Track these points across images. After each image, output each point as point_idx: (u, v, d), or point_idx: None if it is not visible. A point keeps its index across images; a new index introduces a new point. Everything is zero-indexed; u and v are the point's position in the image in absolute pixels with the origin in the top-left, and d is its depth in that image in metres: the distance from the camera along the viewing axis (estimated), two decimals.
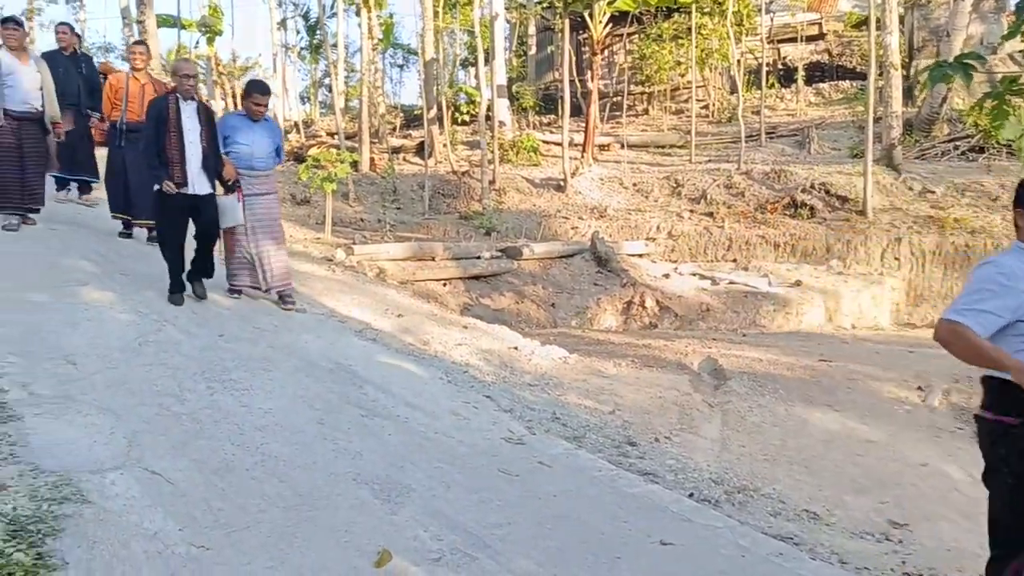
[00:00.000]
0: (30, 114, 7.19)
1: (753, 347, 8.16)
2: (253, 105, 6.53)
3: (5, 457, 3.33)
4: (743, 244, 14.34)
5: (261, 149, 6.60)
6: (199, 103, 6.16)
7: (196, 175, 6.04)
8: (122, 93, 7.77)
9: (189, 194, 6.02)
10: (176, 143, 5.95)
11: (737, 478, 4.78)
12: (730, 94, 23.90)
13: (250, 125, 6.56)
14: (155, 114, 5.99)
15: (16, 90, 7.07)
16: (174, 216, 6.10)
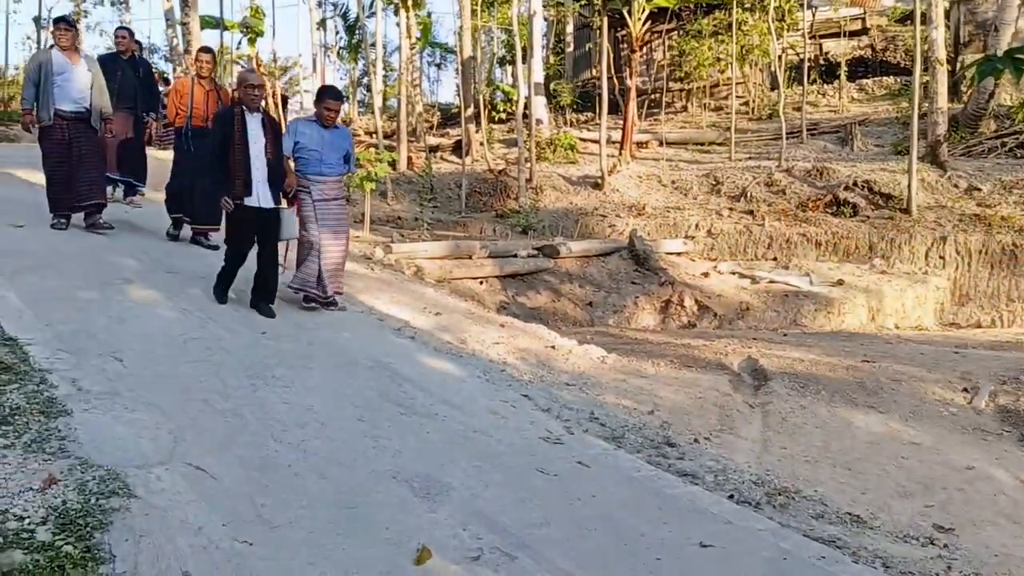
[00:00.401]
0: (80, 114, 7.21)
1: (794, 347, 8.06)
2: (325, 111, 6.49)
3: (55, 451, 3.41)
4: (784, 242, 14.16)
5: (332, 155, 6.54)
6: (264, 114, 6.13)
7: (261, 187, 6.02)
8: (187, 99, 7.81)
9: (254, 207, 6.00)
10: (241, 155, 5.91)
11: (778, 480, 4.72)
12: (770, 90, 23.61)
13: (320, 131, 6.51)
14: (220, 126, 5.98)
15: (67, 90, 7.09)
16: (240, 229, 6.11)
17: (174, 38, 21.00)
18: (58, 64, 7.08)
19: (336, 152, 6.57)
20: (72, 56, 7.19)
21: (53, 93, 7.02)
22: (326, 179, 6.55)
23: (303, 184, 6.48)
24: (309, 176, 6.47)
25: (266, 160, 6.03)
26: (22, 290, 5.53)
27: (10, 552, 2.68)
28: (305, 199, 6.49)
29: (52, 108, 7.03)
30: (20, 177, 9.86)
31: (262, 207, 6.04)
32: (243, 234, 6.12)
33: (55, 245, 6.87)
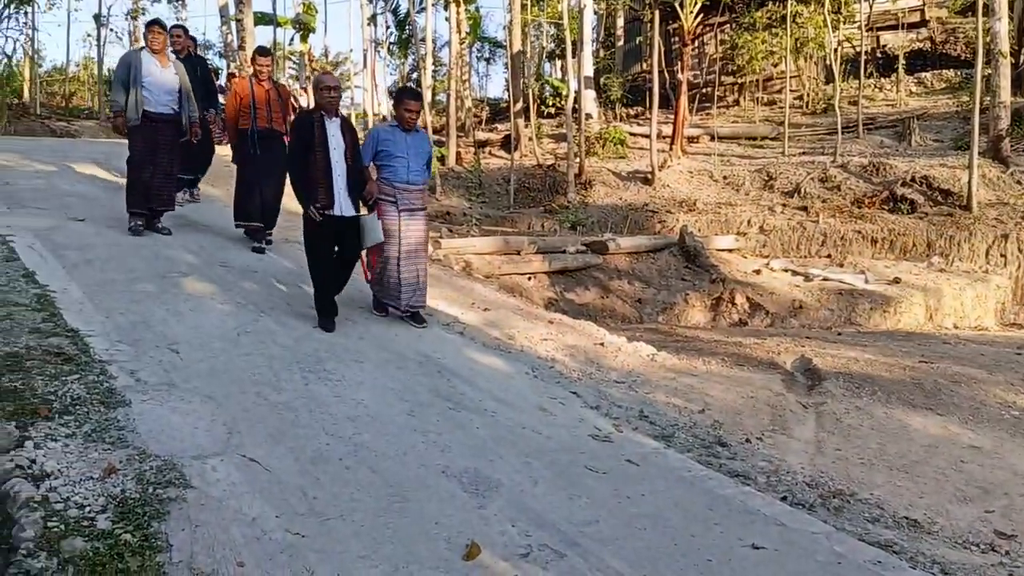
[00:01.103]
0: (168, 116, 7.21)
1: (849, 346, 7.89)
2: (405, 112, 6.15)
3: (115, 441, 3.49)
4: (838, 239, 13.90)
5: (417, 161, 6.22)
6: (342, 118, 5.92)
7: (342, 196, 5.79)
8: (248, 101, 7.64)
9: (336, 216, 5.75)
10: (322, 162, 5.69)
11: (833, 482, 4.63)
12: (825, 84, 23.17)
13: (403, 136, 6.18)
14: (301, 133, 5.74)
15: (155, 92, 7.09)
16: (322, 240, 5.82)
17: (228, 34, 21.34)
18: (148, 66, 7.07)
19: (420, 158, 6.25)
20: (162, 58, 7.20)
21: (143, 95, 7.02)
22: (412, 188, 6.22)
23: (387, 193, 6.14)
24: (396, 185, 6.13)
25: (346, 166, 5.81)
26: (83, 282, 5.67)
27: (71, 539, 2.75)
28: (390, 210, 6.13)
29: (140, 109, 7.02)
30: (81, 172, 10.12)
31: (343, 215, 5.81)
32: (323, 245, 5.85)
33: (114, 238, 7.04)
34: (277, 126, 7.71)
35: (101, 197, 8.91)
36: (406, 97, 6.26)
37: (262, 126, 7.62)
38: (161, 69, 7.14)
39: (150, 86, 7.02)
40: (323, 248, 5.85)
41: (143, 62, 7.04)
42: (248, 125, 7.61)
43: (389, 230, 6.09)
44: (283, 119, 7.75)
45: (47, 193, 8.57)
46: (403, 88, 6.69)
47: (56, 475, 3.12)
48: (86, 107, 23.55)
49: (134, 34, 30.41)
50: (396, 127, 6.22)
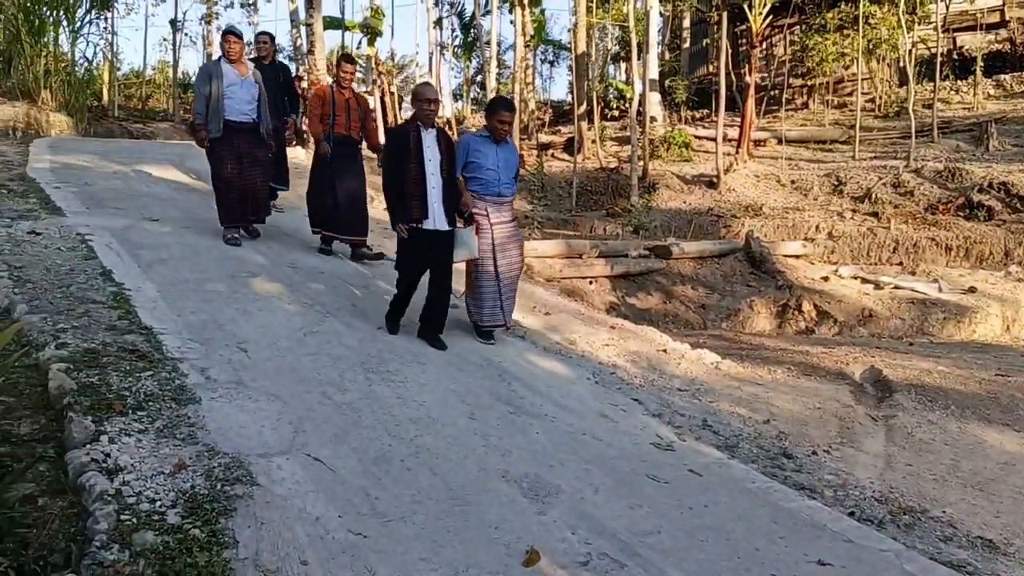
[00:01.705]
0: (246, 124, 7.21)
1: (921, 358, 7.65)
2: (498, 124, 5.95)
3: (185, 437, 3.58)
4: (911, 246, 13.48)
5: (507, 173, 6.05)
6: (438, 129, 5.77)
7: (436, 209, 5.62)
8: (329, 107, 7.61)
9: (429, 230, 5.60)
10: (416, 175, 5.55)
11: (903, 498, 4.49)
12: (898, 87, 22.52)
13: (495, 148, 5.99)
14: (397, 145, 5.64)
15: (236, 101, 7.11)
16: (413, 254, 5.68)
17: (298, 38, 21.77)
18: (228, 76, 7.09)
19: (511, 170, 6.09)
20: (240, 67, 7.22)
21: (223, 105, 7.04)
22: (503, 200, 6.08)
23: (479, 207, 5.97)
24: (486, 198, 5.97)
25: (441, 179, 5.64)
26: (156, 281, 5.84)
27: (143, 533, 2.83)
28: (483, 223, 5.96)
29: (222, 120, 7.05)
30: (156, 173, 10.44)
31: (437, 229, 5.64)
32: (416, 259, 5.69)
33: (187, 239, 7.23)
34: (354, 134, 7.71)
35: (175, 197, 9.18)
36: (500, 108, 6.05)
37: (339, 132, 7.60)
38: (240, 78, 7.16)
39: (231, 95, 7.05)
40: (414, 261, 5.72)
41: (224, 73, 7.08)
42: (325, 130, 7.62)
43: (484, 247, 5.95)
44: (360, 127, 7.74)
45: (124, 193, 8.86)
46: (497, 98, 6.56)
47: (129, 469, 3.21)
48: (161, 109, 24.28)
49: (207, 38, 31.30)
50: (487, 137, 6.03)
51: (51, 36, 15.86)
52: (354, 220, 7.70)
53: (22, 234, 6.45)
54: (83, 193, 8.53)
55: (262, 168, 7.42)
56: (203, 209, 8.44)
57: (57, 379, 3.84)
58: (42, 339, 4.40)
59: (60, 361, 4.07)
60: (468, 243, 5.77)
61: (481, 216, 5.96)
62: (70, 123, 15.02)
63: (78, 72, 16.72)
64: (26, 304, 4.86)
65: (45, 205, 7.73)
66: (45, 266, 5.74)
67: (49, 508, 3.00)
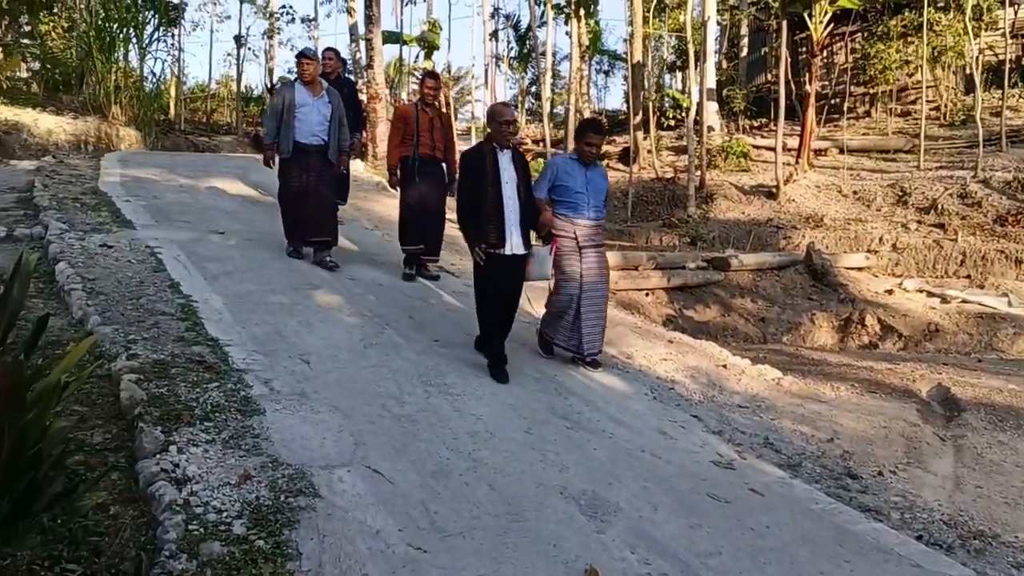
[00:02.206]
0: (318, 146, 7.19)
1: (991, 375, 7.40)
2: (585, 146, 5.86)
3: (250, 448, 3.66)
4: (978, 259, 13.08)
5: (595, 197, 5.91)
6: (514, 150, 5.59)
7: (513, 232, 5.41)
8: (413, 127, 7.43)
9: (507, 255, 5.38)
10: (493, 197, 5.36)
11: (973, 522, 4.35)
12: (964, 94, 21.90)
13: (583, 170, 5.89)
14: (474, 167, 5.43)
15: (307, 122, 7.10)
16: (492, 280, 5.43)
17: (357, 52, 22.15)
18: (300, 97, 7.11)
19: (599, 193, 5.95)
20: (314, 88, 7.18)
21: (294, 126, 7.05)
22: (591, 223, 5.91)
23: (565, 230, 5.82)
24: (575, 221, 5.83)
25: (518, 200, 5.45)
26: (222, 293, 5.98)
27: (210, 543, 2.89)
28: (570, 246, 5.81)
29: (292, 141, 7.07)
30: (220, 186, 10.70)
31: (515, 254, 5.43)
32: (494, 286, 5.45)
33: (251, 252, 7.40)
34: (438, 153, 7.57)
35: (240, 211, 9.39)
36: (590, 130, 5.92)
37: (424, 153, 7.44)
38: (313, 99, 7.16)
39: (303, 116, 7.07)
40: (493, 288, 5.46)
41: (296, 94, 7.11)
42: (409, 152, 7.43)
43: (569, 269, 5.78)
44: (444, 146, 7.61)
45: (190, 207, 9.10)
46: (588, 120, 6.33)
47: (197, 479, 3.29)
48: (225, 123, 24.91)
49: (269, 52, 32.03)
50: (575, 160, 5.93)
51: (121, 52, 16.40)
52: (433, 241, 7.64)
53: (94, 247, 6.67)
54: (151, 206, 8.79)
55: (328, 189, 7.36)
56: (266, 222, 8.62)
57: (128, 390, 3.96)
58: (114, 350, 4.54)
59: (131, 372, 4.19)
60: (544, 263, 5.61)
61: (568, 240, 5.81)
62: (139, 137, 15.52)
63: (146, 87, 17.26)
64: (99, 315, 5.02)
65: (116, 218, 7.98)
66: (116, 278, 5.92)
67: (121, 517, 3.09)
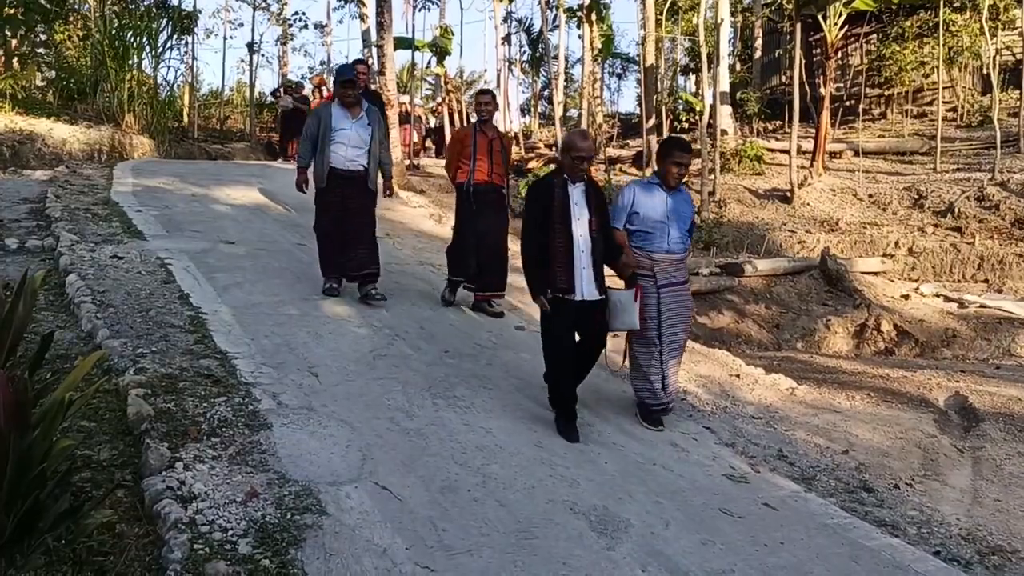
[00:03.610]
0: (356, 173, 6.58)
1: (1010, 383, 7.29)
2: (673, 166, 5.11)
3: (257, 465, 3.63)
4: (996, 263, 12.91)
5: (679, 227, 5.20)
6: (588, 182, 4.92)
7: (585, 276, 4.75)
8: (469, 151, 6.87)
9: (576, 301, 4.75)
10: (562, 237, 4.72)
11: (992, 537, 4.26)
12: (982, 95, 21.69)
13: (664, 196, 5.16)
14: (538, 202, 4.83)
15: (344, 146, 6.52)
16: (561, 328, 4.82)
17: (370, 58, 22.20)
18: (338, 119, 6.53)
19: (683, 222, 5.23)
20: (354, 110, 6.59)
21: (329, 152, 6.49)
22: (674, 257, 5.21)
23: (643, 267, 5.10)
24: (653, 256, 5.12)
25: (590, 240, 4.80)
26: (232, 304, 5.98)
27: (215, 562, 2.86)
28: (647, 285, 5.08)
29: (327, 167, 6.50)
30: (232, 195, 10.72)
31: (586, 300, 4.78)
32: (563, 334, 4.83)
33: (261, 261, 7.39)
34: (496, 179, 6.97)
35: (251, 220, 9.40)
36: (675, 148, 5.21)
37: (480, 180, 6.87)
38: (352, 121, 6.57)
39: (340, 139, 6.51)
40: (563, 338, 4.85)
41: (333, 116, 6.55)
42: (465, 178, 6.89)
43: (647, 310, 5.07)
44: (504, 173, 7.08)
45: (202, 216, 9.11)
46: (672, 139, 5.57)
47: (203, 497, 3.27)
48: (239, 129, 25.03)
49: (283, 58, 32.17)
50: (656, 184, 5.20)
51: (135, 61, 16.47)
52: (494, 275, 7.04)
53: (105, 258, 6.69)
54: (163, 216, 8.81)
55: (370, 217, 6.75)
56: (276, 232, 8.63)
57: (135, 405, 3.94)
58: (122, 364, 4.53)
59: (139, 386, 4.18)
60: (628, 310, 4.88)
61: (646, 277, 5.08)
62: (152, 145, 15.58)
63: (160, 95, 17.34)
64: (108, 328, 5.02)
65: (127, 229, 8.00)
66: (126, 290, 5.93)
67: (126, 536, 3.07)
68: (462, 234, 7.05)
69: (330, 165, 6.50)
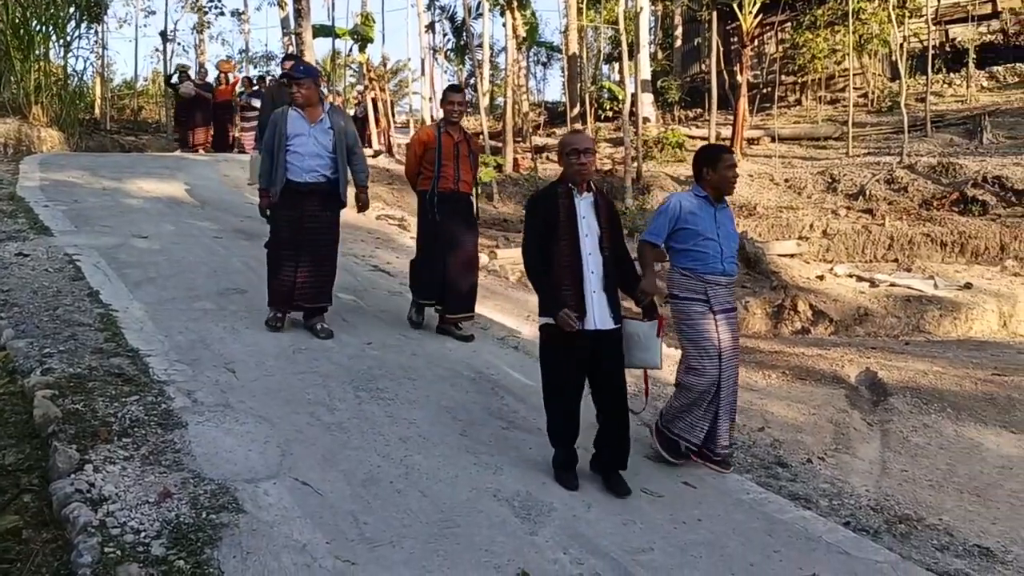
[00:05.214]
0: (316, 185, 5.72)
1: (917, 358, 7.61)
2: (728, 173, 4.52)
3: (171, 464, 3.55)
4: (906, 243, 13.44)
5: (729, 245, 4.57)
6: (597, 192, 4.24)
7: (596, 301, 4.03)
8: (434, 154, 6.14)
9: (588, 331, 4.00)
10: (568, 255, 4.03)
11: (899, 506, 4.46)
12: (891, 81, 22.51)
13: (712, 210, 4.55)
14: (541, 214, 4.15)
15: (302, 156, 5.66)
16: (564, 362, 4.06)
17: (290, 46, 21.76)
18: (293, 125, 5.68)
19: (732, 240, 4.62)
20: (311, 113, 5.73)
21: (286, 162, 5.64)
22: (728, 280, 4.58)
23: (695, 290, 4.49)
24: (706, 277, 4.47)
25: (602, 259, 4.09)
26: (144, 301, 5.81)
27: (127, 565, 2.79)
28: (700, 310, 4.48)
29: (282, 180, 5.65)
30: (145, 187, 10.41)
31: (598, 329, 4.04)
32: (569, 368, 4.07)
33: (175, 256, 7.20)
34: (464, 188, 6.31)
35: (165, 212, 9.14)
36: (723, 152, 4.66)
37: (446, 187, 6.17)
38: (311, 127, 5.71)
39: (296, 147, 5.67)
40: (568, 372, 4.08)
41: (287, 120, 5.71)
42: (428, 186, 6.20)
43: (707, 341, 4.47)
44: (472, 179, 6.41)
45: (113, 210, 8.83)
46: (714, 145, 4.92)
47: (113, 499, 3.19)
48: (154, 120, 24.25)
49: (199, 47, 31.28)
50: (703, 197, 4.57)
51: (41, 50, 15.80)
52: (463, 294, 6.35)
53: (9, 256, 6.43)
54: (72, 211, 8.50)
55: (328, 238, 5.89)
56: (192, 225, 8.41)
57: (42, 407, 3.82)
58: (28, 365, 4.37)
59: (46, 388, 4.04)
60: (648, 346, 4.25)
61: (699, 300, 4.49)
62: (62, 138, 15.00)
63: (69, 86, 16.68)
64: (12, 329, 4.84)
65: (33, 225, 7.70)
66: (32, 288, 5.71)
67: (33, 541, 2.98)
68: (427, 249, 6.34)
69: (286, 178, 5.66)
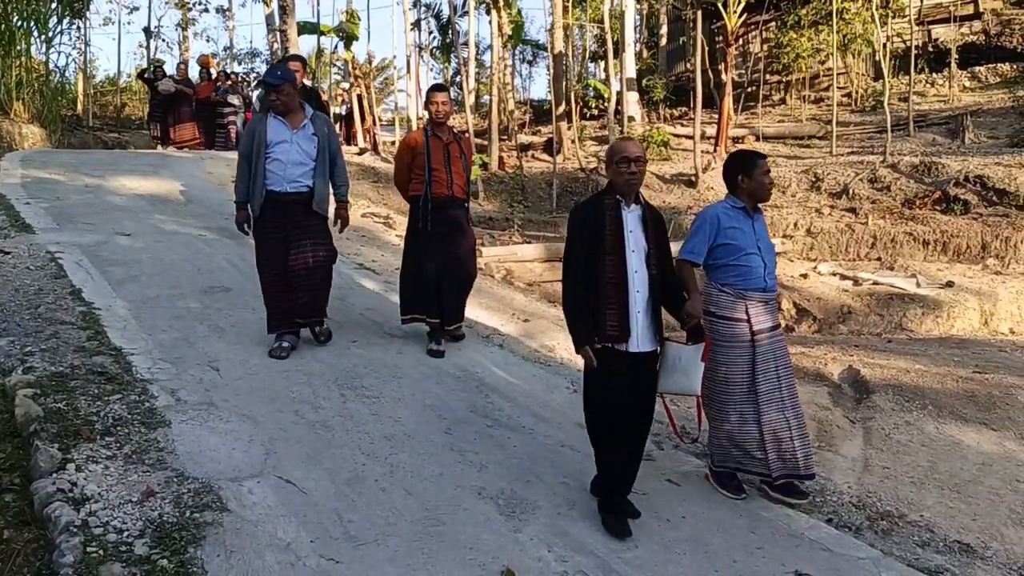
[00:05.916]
0: (299, 195, 5.33)
1: (899, 356, 7.66)
2: (765, 179, 4.26)
3: (154, 463, 3.54)
4: (888, 242, 13.54)
5: (770, 256, 4.27)
6: (645, 205, 3.83)
7: (640, 321, 3.68)
8: (423, 159, 5.78)
9: (631, 353, 3.69)
10: (614, 272, 3.67)
11: (881, 503, 4.49)
12: (874, 81, 22.67)
13: (750, 221, 4.26)
14: (586, 227, 3.74)
15: (281, 164, 5.27)
16: (609, 385, 3.70)
17: (274, 43, 21.66)
18: (273, 132, 5.29)
19: (771, 252, 4.31)
20: (292, 119, 5.34)
21: (265, 171, 5.26)
22: (769, 296, 4.28)
23: (736, 310, 4.19)
24: (747, 294, 4.17)
25: (648, 277, 3.72)
26: (128, 299, 5.78)
27: (110, 565, 2.78)
28: (737, 333, 4.18)
29: (263, 190, 5.27)
30: (128, 184, 10.34)
31: (640, 351, 3.72)
32: (612, 393, 3.71)
33: (159, 253, 7.16)
34: (458, 193, 5.91)
35: (148, 210, 9.08)
36: (759, 159, 4.32)
37: (439, 193, 5.79)
38: (293, 133, 5.32)
39: (278, 155, 5.28)
40: (612, 398, 3.73)
41: (268, 128, 5.31)
42: (420, 191, 5.83)
43: (727, 369, 4.21)
44: (466, 183, 6.06)
45: (96, 207, 8.76)
46: (748, 151, 4.58)
47: (96, 498, 3.17)
48: (137, 117, 24.08)
49: (183, 44, 31.06)
50: (740, 208, 4.26)
51: (22, 46, 15.66)
52: (453, 303, 5.99)
53: None
54: (54, 208, 8.43)
55: (319, 246, 5.44)
56: (176, 222, 8.36)
57: (24, 406, 3.79)
58: (9, 364, 4.34)
59: (27, 386, 4.01)
60: (689, 371, 3.91)
61: (739, 321, 4.18)
62: (43, 135, 14.87)
63: (51, 82, 16.53)
64: None
65: (15, 222, 7.63)
66: (14, 287, 5.66)
67: (14, 541, 2.96)
68: (417, 260, 5.88)
69: (267, 188, 5.28)
